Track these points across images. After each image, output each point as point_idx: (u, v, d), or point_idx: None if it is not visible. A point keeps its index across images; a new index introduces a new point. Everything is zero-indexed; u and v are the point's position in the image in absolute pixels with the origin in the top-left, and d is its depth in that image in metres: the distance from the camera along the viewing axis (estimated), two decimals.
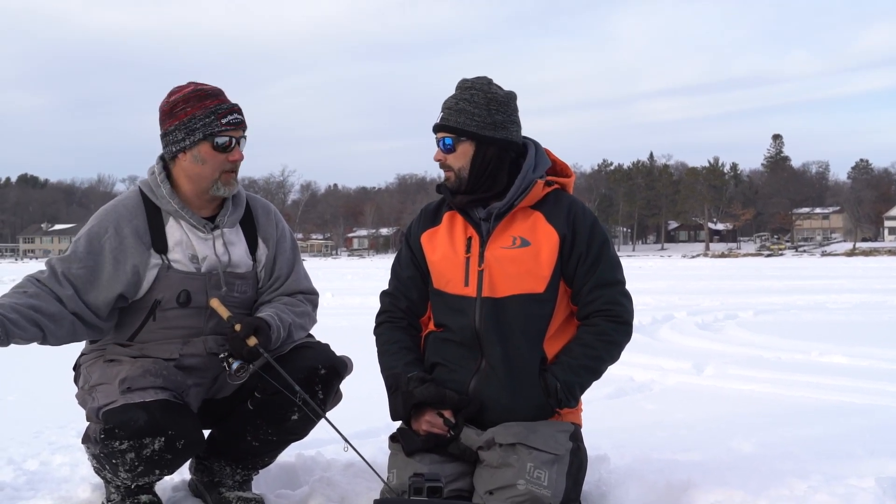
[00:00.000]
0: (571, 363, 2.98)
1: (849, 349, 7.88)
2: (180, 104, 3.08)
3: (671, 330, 10.12)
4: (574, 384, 2.98)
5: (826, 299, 15.42)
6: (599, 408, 5.24)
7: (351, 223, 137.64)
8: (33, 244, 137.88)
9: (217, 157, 3.09)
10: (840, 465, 3.65)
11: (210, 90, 3.12)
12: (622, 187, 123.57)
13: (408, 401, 2.95)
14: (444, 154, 3.05)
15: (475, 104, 3.00)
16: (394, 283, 3.24)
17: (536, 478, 2.81)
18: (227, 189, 3.14)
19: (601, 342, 2.99)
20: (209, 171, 3.10)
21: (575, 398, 3.01)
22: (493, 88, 3.04)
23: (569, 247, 3.00)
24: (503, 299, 2.98)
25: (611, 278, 3.03)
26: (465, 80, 3.08)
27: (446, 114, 3.04)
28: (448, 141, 3.03)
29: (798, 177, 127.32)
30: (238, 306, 3.18)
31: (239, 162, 3.14)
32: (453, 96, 3.05)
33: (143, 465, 2.89)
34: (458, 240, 3.08)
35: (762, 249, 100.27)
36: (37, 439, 4.49)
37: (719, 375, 6.64)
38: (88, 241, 3.07)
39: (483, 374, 3.00)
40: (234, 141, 3.10)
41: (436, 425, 2.96)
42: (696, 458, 3.80)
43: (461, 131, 3.01)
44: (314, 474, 3.57)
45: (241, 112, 3.13)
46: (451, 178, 3.06)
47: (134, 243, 3.08)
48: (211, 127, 3.05)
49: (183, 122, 3.07)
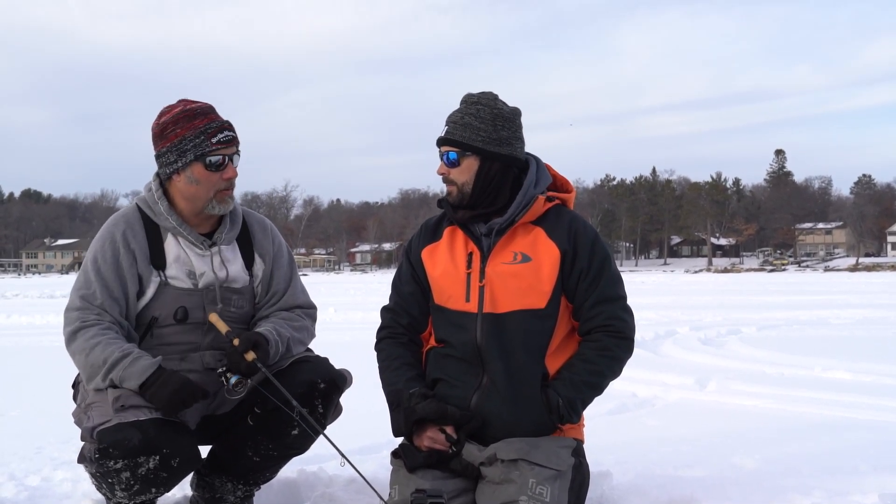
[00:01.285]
0: (573, 379, 2.98)
1: (852, 365, 7.86)
2: (170, 126, 3.09)
3: (674, 345, 10.10)
4: (576, 400, 2.97)
5: (829, 315, 15.39)
6: (602, 423, 5.23)
7: (353, 238, 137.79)
8: (36, 259, 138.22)
9: (211, 177, 3.09)
10: (843, 480, 3.64)
11: (199, 108, 3.11)
12: (625, 202, 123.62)
13: (409, 417, 2.94)
14: (448, 168, 3.05)
15: (481, 119, 3.01)
16: (395, 298, 3.24)
17: (539, 494, 2.80)
18: (222, 207, 3.15)
19: (603, 357, 2.99)
20: (203, 192, 3.11)
21: (577, 414, 3.00)
22: (500, 104, 3.05)
23: (570, 262, 3.00)
24: (504, 315, 2.98)
25: (612, 294, 3.02)
26: (471, 94, 3.08)
27: (451, 128, 3.04)
28: (452, 155, 3.03)
29: (801, 192, 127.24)
30: (235, 321, 3.18)
31: (233, 179, 3.14)
32: (459, 110, 3.05)
33: (139, 484, 2.88)
34: (459, 255, 3.08)
35: (765, 264, 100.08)
36: (38, 455, 4.49)
37: (722, 391, 6.63)
38: (99, 263, 3.09)
39: (485, 390, 2.99)
40: (226, 159, 3.10)
41: (438, 441, 2.95)
42: (699, 473, 3.79)
43: (466, 146, 3.01)
44: (316, 490, 3.57)
45: (231, 128, 3.13)
46: (454, 193, 3.06)
47: (138, 256, 3.10)
48: (202, 147, 3.06)
49: (174, 144, 3.08)
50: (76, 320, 3.02)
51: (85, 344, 2.97)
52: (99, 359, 2.93)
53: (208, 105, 3.15)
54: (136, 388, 2.89)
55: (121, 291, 3.07)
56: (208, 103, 3.17)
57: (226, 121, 3.13)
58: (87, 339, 2.97)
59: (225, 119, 3.14)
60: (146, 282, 3.11)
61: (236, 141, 3.13)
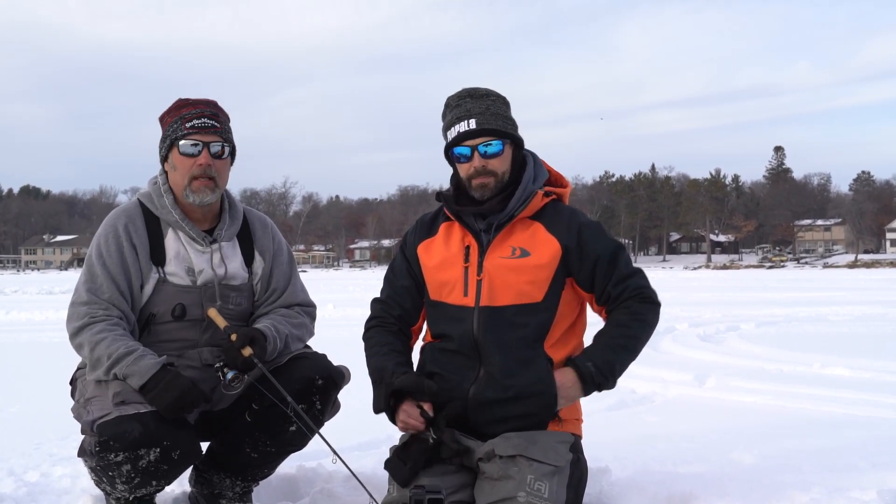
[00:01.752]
0: (609, 343, 2.97)
1: (851, 361, 7.86)
2: (165, 116, 3.14)
3: (673, 342, 10.10)
4: (614, 363, 2.95)
5: (828, 311, 15.39)
6: (600, 419, 5.23)
7: (353, 234, 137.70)
8: (35, 255, 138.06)
9: (185, 162, 3.08)
10: (842, 477, 3.64)
11: (193, 100, 3.13)
12: (624, 199, 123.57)
13: (387, 390, 2.92)
14: (487, 159, 3.02)
15: (504, 108, 3.06)
16: (387, 291, 3.24)
17: (537, 490, 2.80)
18: (196, 197, 3.11)
19: (636, 321, 2.99)
20: (179, 178, 3.11)
21: (614, 378, 2.97)
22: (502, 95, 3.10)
23: (577, 256, 3.01)
24: (501, 308, 2.98)
25: (632, 270, 3.05)
26: (476, 88, 3.09)
27: (483, 119, 3.00)
28: (497, 145, 3.01)
29: (800, 188, 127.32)
30: (233, 318, 3.19)
31: (208, 168, 3.08)
32: (476, 103, 3.03)
33: (139, 477, 2.88)
34: (456, 249, 3.08)
35: (764, 261, 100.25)
36: (38, 451, 4.49)
37: (721, 387, 6.63)
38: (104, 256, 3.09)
39: (481, 382, 2.99)
40: (201, 145, 3.07)
41: (412, 417, 2.90)
42: (698, 470, 3.79)
43: (506, 134, 3.02)
44: (315, 486, 3.57)
45: (213, 117, 3.10)
46: (491, 185, 3.02)
47: (139, 250, 3.11)
48: (177, 132, 3.07)
49: (164, 133, 3.12)
50: (84, 315, 3.02)
51: (92, 338, 2.97)
52: (104, 354, 2.94)
53: (208, 100, 3.15)
54: (138, 387, 2.89)
55: (126, 285, 3.08)
56: (212, 100, 3.17)
57: (210, 111, 3.10)
58: (94, 333, 2.98)
59: (213, 111, 3.12)
60: (145, 277, 3.11)
61: (217, 129, 3.09)
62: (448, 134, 3.06)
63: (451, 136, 3.04)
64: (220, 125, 3.11)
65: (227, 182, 3.21)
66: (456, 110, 3.05)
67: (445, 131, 3.08)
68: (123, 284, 3.07)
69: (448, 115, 3.08)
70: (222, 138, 3.11)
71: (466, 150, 3.01)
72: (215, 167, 3.11)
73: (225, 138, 3.12)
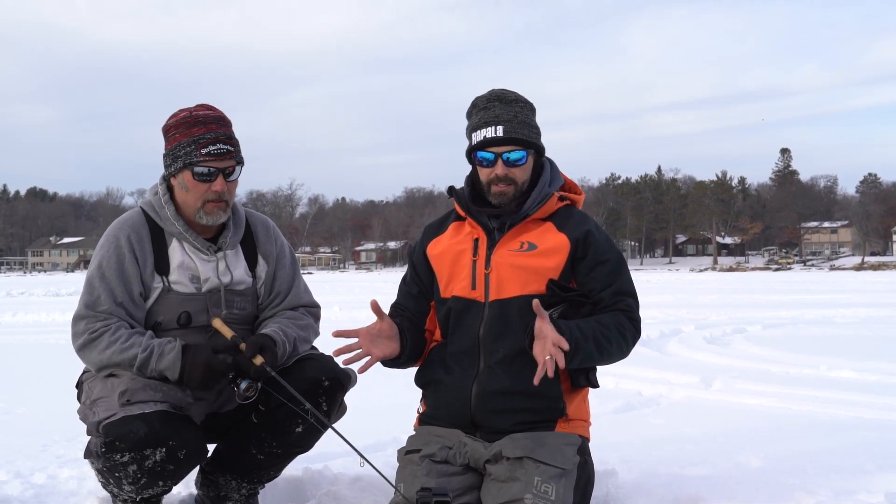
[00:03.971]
0: (582, 327, 2.84)
1: (857, 364, 7.85)
2: (172, 129, 3.10)
3: (679, 344, 10.10)
4: (580, 340, 2.80)
5: (834, 313, 15.36)
6: (607, 422, 5.22)
7: (359, 236, 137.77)
8: (42, 257, 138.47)
9: (198, 187, 3.08)
10: (849, 479, 3.63)
11: (203, 116, 3.08)
12: (630, 201, 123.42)
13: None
14: (510, 167, 3.01)
15: (531, 115, 3.07)
16: (398, 297, 3.30)
17: (544, 492, 2.80)
18: (210, 219, 3.13)
19: (616, 328, 2.90)
20: (192, 200, 3.11)
21: (580, 348, 2.79)
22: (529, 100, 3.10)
23: (582, 250, 3.00)
24: (508, 300, 2.99)
25: (632, 290, 3.03)
26: (505, 92, 3.07)
27: (511, 127, 2.99)
28: (520, 155, 3.00)
29: (806, 191, 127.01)
30: (238, 323, 3.19)
31: (223, 193, 3.08)
32: (505, 109, 3.02)
33: (146, 477, 2.89)
34: (465, 241, 3.10)
35: (770, 263, 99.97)
36: (44, 452, 4.50)
37: (727, 390, 6.62)
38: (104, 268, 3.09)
39: (482, 377, 3.00)
40: (215, 171, 3.06)
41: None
42: (704, 472, 3.79)
43: (531, 144, 3.03)
44: (321, 488, 3.57)
45: (229, 142, 3.07)
46: (510, 193, 3.02)
47: (142, 261, 3.11)
48: (191, 157, 3.04)
49: (171, 149, 3.09)
50: (84, 332, 3.03)
51: (99, 356, 2.99)
52: (124, 362, 2.96)
53: (217, 115, 3.11)
54: (176, 379, 2.95)
55: (127, 295, 3.07)
56: (220, 114, 3.12)
57: (223, 134, 3.07)
58: (101, 350, 2.98)
59: (228, 133, 3.09)
60: (149, 287, 3.12)
61: (233, 154, 3.08)
62: (473, 136, 3.04)
63: (477, 140, 3.02)
64: (234, 148, 3.10)
65: (235, 196, 3.22)
66: (483, 113, 3.03)
67: (471, 132, 3.06)
68: (122, 295, 3.06)
69: (475, 117, 3.06)
70: (236, 160, 3.11)
71: (490, 155, 3.01)
72: (227, 189, 3.11)
73: (237, 160, 3.12)
